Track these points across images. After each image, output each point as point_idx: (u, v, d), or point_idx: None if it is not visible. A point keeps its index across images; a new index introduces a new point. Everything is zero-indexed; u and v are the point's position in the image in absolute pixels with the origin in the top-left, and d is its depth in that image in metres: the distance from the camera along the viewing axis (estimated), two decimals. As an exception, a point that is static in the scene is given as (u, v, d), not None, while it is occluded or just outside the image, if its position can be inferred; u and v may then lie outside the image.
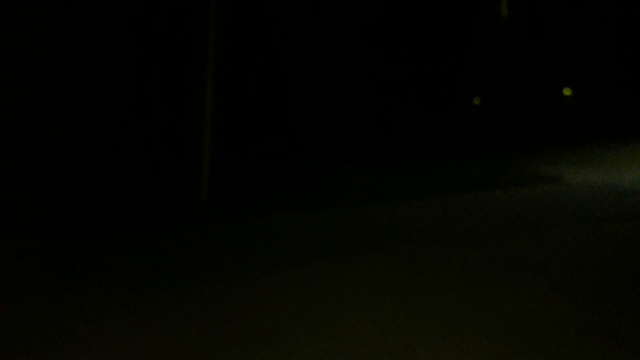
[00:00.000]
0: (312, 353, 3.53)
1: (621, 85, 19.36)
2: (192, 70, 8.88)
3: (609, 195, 8.83)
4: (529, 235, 6.48)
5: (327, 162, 12.34)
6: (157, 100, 11.84)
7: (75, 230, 7.03)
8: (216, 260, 5.78)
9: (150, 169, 10.65)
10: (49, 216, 7.64)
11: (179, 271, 5.38)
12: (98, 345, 3.70)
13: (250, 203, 8.66)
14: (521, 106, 17.95)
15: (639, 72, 19.45)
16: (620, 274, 4.97)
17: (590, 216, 7.38)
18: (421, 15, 16.41)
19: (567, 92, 18.71)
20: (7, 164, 9.94)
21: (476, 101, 18.26)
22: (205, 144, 8.85)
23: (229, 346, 3.66)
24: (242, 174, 10.32)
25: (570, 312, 4.10)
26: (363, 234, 6.83)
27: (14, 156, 10.28)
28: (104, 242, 6.61)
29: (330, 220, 7.61)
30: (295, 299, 4.50)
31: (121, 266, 5.62)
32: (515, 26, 18.27)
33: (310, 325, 3.95)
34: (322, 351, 3.56)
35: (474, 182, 10.19)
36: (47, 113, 11.01)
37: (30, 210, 8.04)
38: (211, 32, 8.70)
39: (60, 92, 11.18)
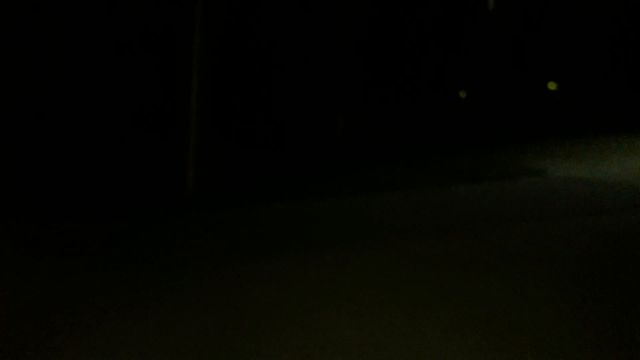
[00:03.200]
0: (299, 343, 3.52)
1: (605, 79, 19.52)
2: (178, 58, 8.81)
3: (594, 188, 8.89)
4: (516, 227, 6.50)
5: (315, 153, 12.32)
6: (143, 87, 11.73)
7: (61, 219, 6.94)
8: (201, 250, 5.73)
9: (136, 157, 10.56)
10: (34, 205, 7.55)
11: (163, 261, 5.32)
12: (87, 333, 3.66)
13: (237, 192, 8.61)
14: (507, 99, 18.04)
15: (624, 66, 19.62)
16: (607, 265, 5.00)
17: (575, 209, 7.43)
18: (409, 8, 16.40)
19: (552, 86, 18.84)
20: None
21: (462, 94, 18.31)
22: (192, 133, 8.79)
23: (215, 335, 3.63)
24: (229, 163, 10.26)
25: (558, 303, 4.12)
26: (351, 224, 6.81)
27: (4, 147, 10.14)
28: (86, 230, 6.54)
29: (318, 211, 7.59)
30: (283, 289, 4.48)
31: (105, 255, 5.56)
32: (502, 20, 18.33)
33: (298, 315, 3.93)
34: (309, 341, 3.54)
35: (460, 174, 10.22)
36: (33, 102, 10.87)
37: (14, 199, 7.94)
38: (198, 21, 8.63)
39: (46, 82, 11.04)
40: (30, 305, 4.17)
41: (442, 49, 17.24)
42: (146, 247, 5.84)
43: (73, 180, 9.04)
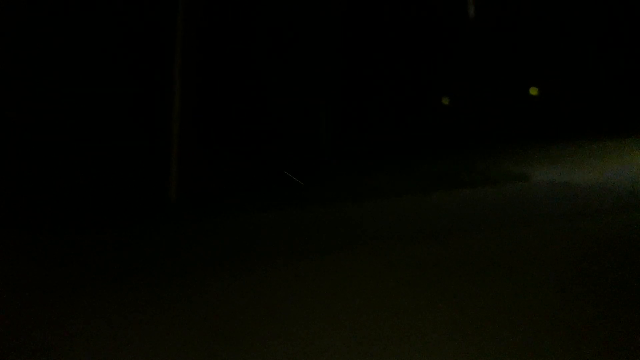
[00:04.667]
0: (288, 353, 3.46)
1: (589, 83, 19.75)
2: (160, 64, 8.73)
3: (575, 192, 8.94)
4: (499, 233, 6.49)
5: (300, 159, 12.28)
6: (124, 95, 11.60)
7: (41, 230, 6.82)
8: (184, 261, 5.64)
9: (118, 166, 10.43)
10: (17, 215, 7.41)
11: (147, 276, 5.22)
12: (76, 349, 3.57)
13: (220, 202, 8.52)
14: (489, 105, 18.18)
15: (605, 71, 19.87)
16: (589, 269, 5.00)
17: (557, 213, 7.45)
18: (393, 15, 16.48)
19: (533, 91, 19.02)
20: None
21: (445, 101, 18.41)
22: (174, 142, 8.70)
23: (203, 347, 3.56)
24: (213, 171, 10.17)
25: (549, 305, 4.11)
26: (337, 232, 6.76)
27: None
28: (67, 245, 6.41)
29: (304, 219, 7.53)
30: (270, 299, 4.41)
31: (90, 270, 5.45)
32: (482, 27, 18.48)
33: (286, 325, 3.87)
34: (298, 351, 3.48)
35: (443, 180, 10.24)
36: (17, 109, 10.73)
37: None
38: (180, 24, 8.54)
39: (30, 88, 10.91)
40: (15, 320, 4.06)
41: (426, 56, 17.34)
42: (129, 262, 5.72)
43: (53, 191, 8.89)
